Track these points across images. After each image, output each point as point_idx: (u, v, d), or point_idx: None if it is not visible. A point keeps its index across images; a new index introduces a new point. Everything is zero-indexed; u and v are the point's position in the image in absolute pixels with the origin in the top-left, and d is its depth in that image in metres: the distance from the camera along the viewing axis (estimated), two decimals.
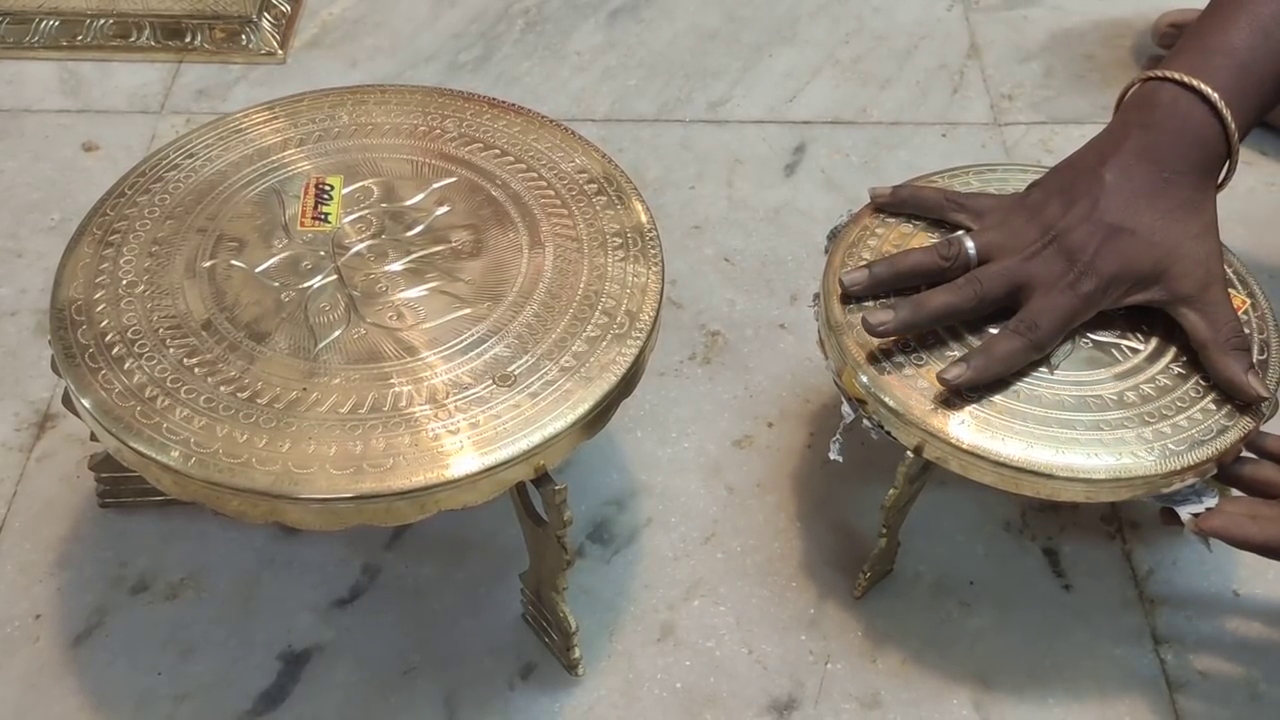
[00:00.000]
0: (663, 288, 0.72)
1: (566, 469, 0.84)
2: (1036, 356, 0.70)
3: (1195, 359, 0.73)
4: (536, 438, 0.64)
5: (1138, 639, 0.79)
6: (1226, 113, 0.70)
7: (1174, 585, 0.81)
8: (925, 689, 0.76)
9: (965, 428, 0.69)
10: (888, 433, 0.71)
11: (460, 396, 0.66)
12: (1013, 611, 0.80)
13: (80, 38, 1.15)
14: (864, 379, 0.71)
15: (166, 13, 1.16)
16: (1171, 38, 1.07)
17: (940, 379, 0.69)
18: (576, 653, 0.75)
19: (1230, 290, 0.76)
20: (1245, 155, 1.06)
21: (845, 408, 0.73)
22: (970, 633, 0.79)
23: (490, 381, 0.67)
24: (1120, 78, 1.15)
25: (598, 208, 0.76)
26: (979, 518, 0.84)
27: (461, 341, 0.69)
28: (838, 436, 0.73)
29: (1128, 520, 0.84)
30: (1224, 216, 1.03)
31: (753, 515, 0.84)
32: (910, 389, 0.70)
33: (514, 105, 0.82)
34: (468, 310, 0.70)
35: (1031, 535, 0.83)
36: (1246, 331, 0.73)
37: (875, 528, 0.76)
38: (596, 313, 0.70)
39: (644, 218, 0.75)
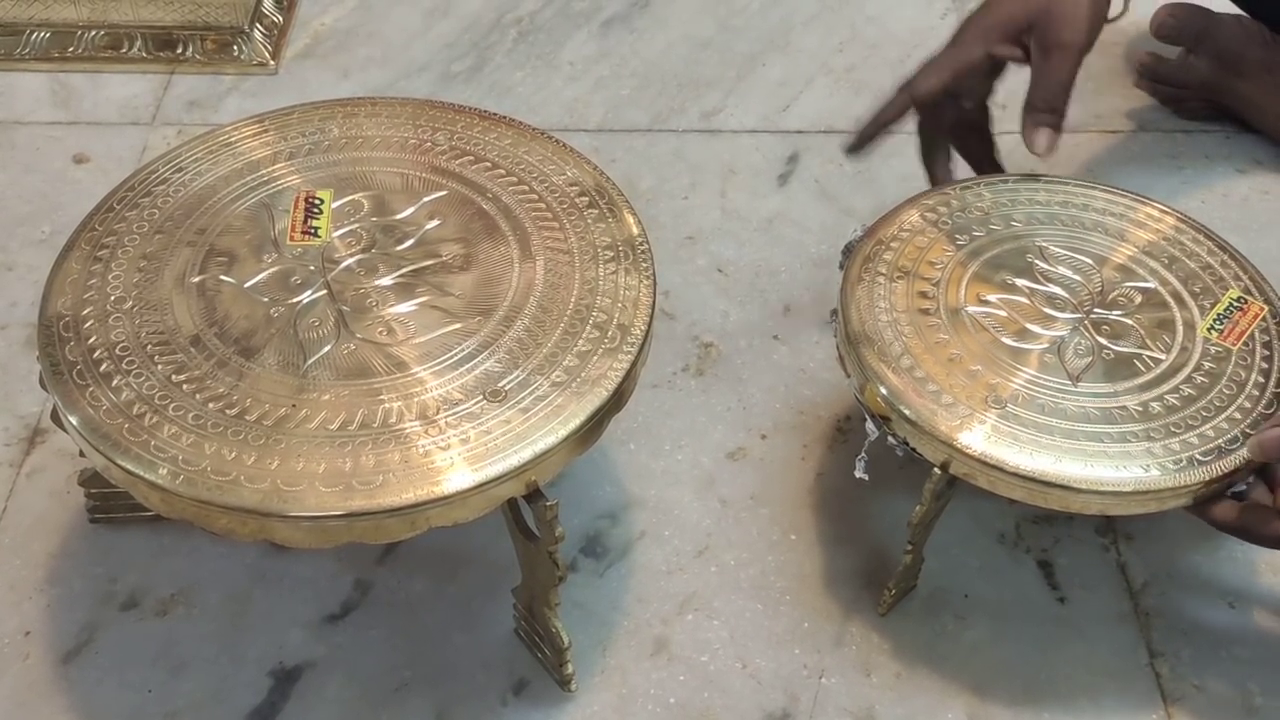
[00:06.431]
0: (654, 300, 0.72)
1: (558, 482, 0.83)
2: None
3: (1215, 370, 0.73)
4: (528, 453, 0.64)
5: (1133, 652, 0.78)
6: None
7: (1169, 598, 0.81)
8: (920, 703, 0.76)
9: (991, 442, 0.68)
10: (913, 450, 0.70)
11: (451, 412, 0.66)
12: (1008, 625, 0.79)
13: (71, 49, 1.15)
14: (885, 392, 0.70)
15: (158, 24, 1.15)
16: (1169, 27, 1.08)
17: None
18: (569, 668, 0.75)
19: (1248, 298, 0.76)
20: (1239, 163, 1.08)
21: (869, 424, 0.72)
22: (965, 646, 0.78)
23: (481, 397, 0.66)
24: (1114, 85, 1.15)
25: (589, 220, 0.75)
26: (972, 530, 0.84)
27: (452, 356, 0.68)
28: (863, 455, 0.72)
29: (1123, 533, 0.84)
30: (1219, 224, 1.03)
31: (746, 528, 0.84)
32: (935, 403, 0.69)
33: (505, 117, 0.82)
34: (458, 325, 0.70)
35: (1026, 548, 0.83)
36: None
37: (870, 540, 0.76)
38: (588, 326, 0.70)
39: (635, 230, 0.75)
